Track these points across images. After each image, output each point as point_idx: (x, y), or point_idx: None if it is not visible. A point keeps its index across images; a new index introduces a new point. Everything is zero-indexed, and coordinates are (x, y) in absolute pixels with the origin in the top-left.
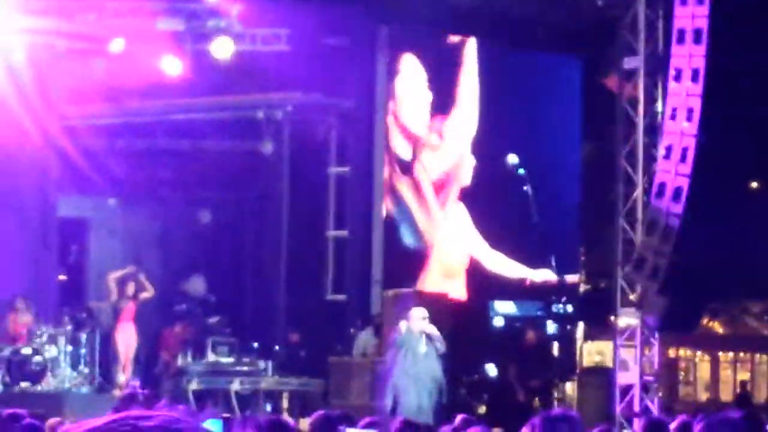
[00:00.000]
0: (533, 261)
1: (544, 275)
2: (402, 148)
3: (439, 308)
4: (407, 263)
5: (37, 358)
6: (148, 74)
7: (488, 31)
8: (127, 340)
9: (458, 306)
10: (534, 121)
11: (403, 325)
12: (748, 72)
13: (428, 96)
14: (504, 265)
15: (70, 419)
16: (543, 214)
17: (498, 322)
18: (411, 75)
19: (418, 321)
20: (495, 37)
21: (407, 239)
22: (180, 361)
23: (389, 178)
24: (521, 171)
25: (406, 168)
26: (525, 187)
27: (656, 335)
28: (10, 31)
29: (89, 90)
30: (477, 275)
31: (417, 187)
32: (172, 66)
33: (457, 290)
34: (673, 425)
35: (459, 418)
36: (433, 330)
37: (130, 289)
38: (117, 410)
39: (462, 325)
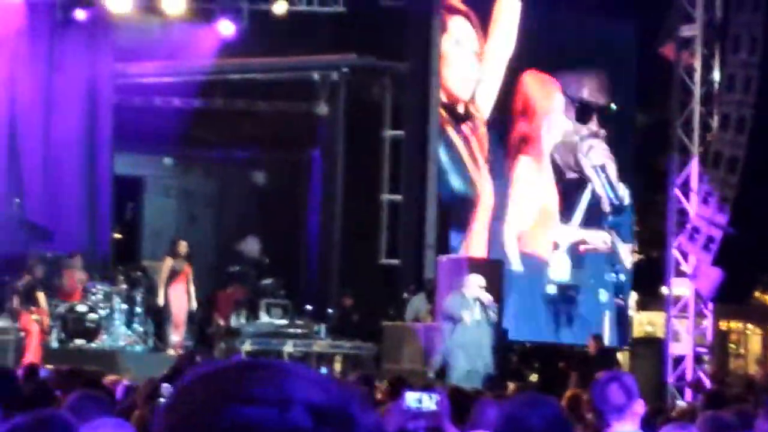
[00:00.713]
0: (589, 223)
1: (601, 238)
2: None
3: (492, 275)
4: (457, 210)
5: (92, 316)
6: (204, 33)
7: None
8: (179, 301)
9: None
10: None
11: (453, 295)
12: None
13: (473, 61)
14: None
15: (125, 377)
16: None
17: (551, 289)
18: (458, 36)
19: (474, 288)
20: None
21: (457, 185)
22: (233, 323)
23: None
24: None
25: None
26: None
27: (709, 306)
28: None
29: (146, 48)
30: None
31: (467, 139)
32: (227, 29)
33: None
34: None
35: (511, 386)
36: (488, 298)
37: (183, 248)
38: (176, 370)
39: (516, 294)
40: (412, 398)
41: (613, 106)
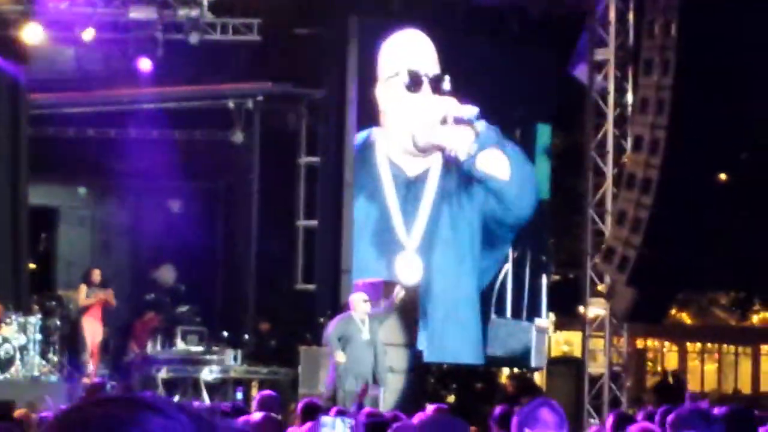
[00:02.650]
0: None
1: None
2: None
3: (408, 295)
4: None
5: (6, 346)
6: (118, 63)
7: (463, 22)
8: (93, 329)
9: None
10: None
11: (338, 321)
12: (720, 66)
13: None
14: None
15: (40, 407)
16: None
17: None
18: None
19: (359, 306)
20: (470, 28)
21: None
22: (149, 350)
23: None
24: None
25: None
26: None
27: (625, 326)
28: None
29: (60, 78)
30: None
31: None
32: (145, 64)
33: None
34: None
35: (430, 407)
36: (373, 310)
37: (96, 277)
38: (87, 400)
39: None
40: (326, 423)
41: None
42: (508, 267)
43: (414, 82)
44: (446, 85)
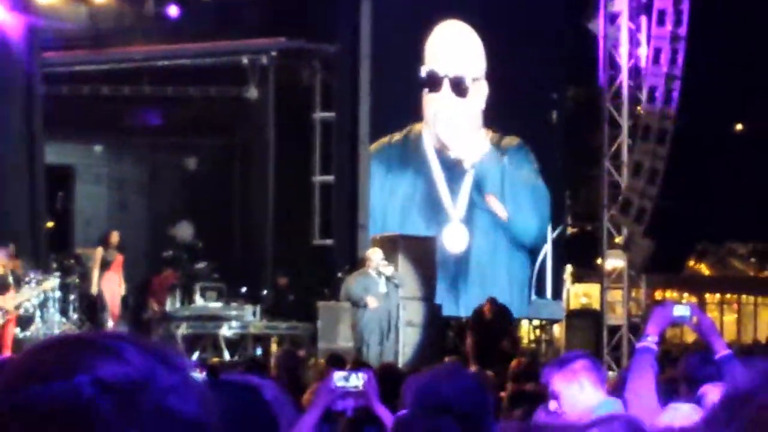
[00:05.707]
0: None
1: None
2: None
3: (426, 252)
4: None
5: (26, 304)
6: (132, 20)
7: None
8: (112, 287)
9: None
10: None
11: (354, 278)
12: (734, 15)
13: None
14: None
15: None
16: None
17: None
18: None
19: (375, 263)
20: None
21: None
22: (168, 307)
23: None
24: None
25: None
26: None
27: (643, 277)
28: None
29: (74, 36)
30: None
31: None
32: (173, 11)
33: None
34: None
35: (448, 360)
36: (390, 269)
37: (115, 239)
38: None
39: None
40: (339, 378)
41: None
42: (548, 248)
43: (433, 82)
44: (468, 85)
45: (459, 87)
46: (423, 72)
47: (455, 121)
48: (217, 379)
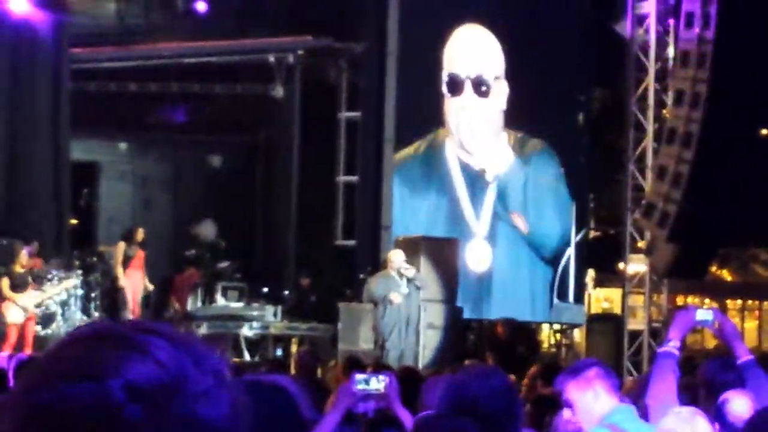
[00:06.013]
0: None
1: None
2: None
3: (449, 253)
4: None
5: (48, 302)
6: (160, 17)
7: None
8: (134, 286)
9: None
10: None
11: (376, 278)
12: (763, 19)
13: None
14: None
15: None
16: None
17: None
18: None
19: (397, 264)
20: None
21: None
22: (190, 306)
23: None
24: None
25: None
26: None
27: (665, 282)
28: None
29: (101, 32)
30: None
31: None
32: (201, 6)
33: None
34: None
35: (468, 363)
36: (413, 271)
37: (140, 235)
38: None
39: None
40: (360, 380)
41: None
42: (571, 251)
43: (454, 86)
44: (490, 84)
45: (480, 87)
46: (444, 76)
47: (478, 124)
48: (243, 379)
